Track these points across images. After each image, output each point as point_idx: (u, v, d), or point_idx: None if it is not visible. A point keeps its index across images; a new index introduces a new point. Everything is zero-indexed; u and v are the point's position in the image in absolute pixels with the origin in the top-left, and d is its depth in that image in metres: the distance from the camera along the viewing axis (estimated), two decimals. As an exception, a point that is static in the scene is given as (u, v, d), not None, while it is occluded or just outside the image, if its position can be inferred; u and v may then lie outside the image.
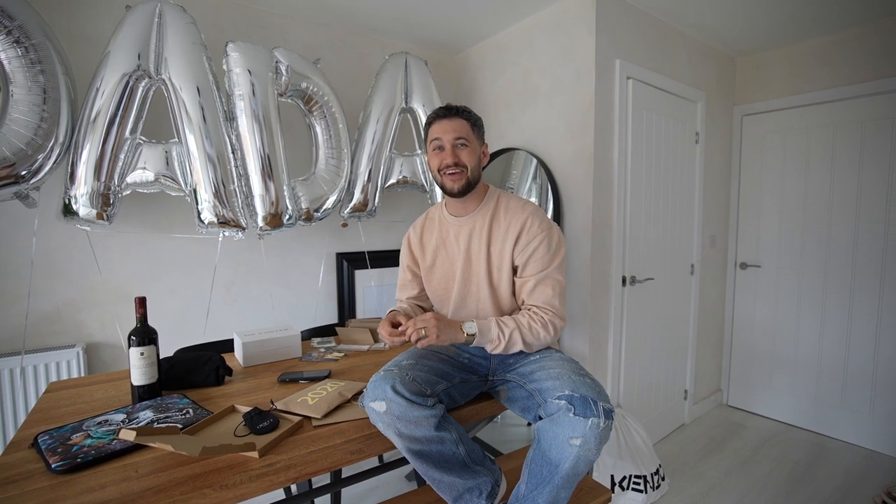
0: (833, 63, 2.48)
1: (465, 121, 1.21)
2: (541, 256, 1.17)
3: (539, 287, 1.17)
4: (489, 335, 1.11)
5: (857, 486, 2.10)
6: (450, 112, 1.21)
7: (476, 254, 1.24)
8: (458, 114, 1.21)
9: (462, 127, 1.20)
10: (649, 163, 2.32)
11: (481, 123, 1.26)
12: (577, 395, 0.94)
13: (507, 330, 1.12)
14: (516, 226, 1.20)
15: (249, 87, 1.77)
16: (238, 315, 2.20)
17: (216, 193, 1.71)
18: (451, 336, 1.09)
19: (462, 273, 1.25)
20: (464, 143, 1.20)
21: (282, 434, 0.98)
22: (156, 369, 1.18)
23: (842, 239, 2.51)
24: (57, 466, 0.84)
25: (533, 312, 1.16)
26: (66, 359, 1.74)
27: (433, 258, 1.32)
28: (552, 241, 1.19)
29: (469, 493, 1.04)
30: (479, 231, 1.24)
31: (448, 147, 1.19)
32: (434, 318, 1.08)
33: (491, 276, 1.23)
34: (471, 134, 1.21)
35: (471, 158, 1.20)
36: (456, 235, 1.28)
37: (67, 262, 1.81)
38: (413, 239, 1.38)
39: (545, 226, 1.20)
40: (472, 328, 1.10)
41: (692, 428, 2.71)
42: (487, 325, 1.12)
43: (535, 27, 2.29)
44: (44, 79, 1.44)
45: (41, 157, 1.48)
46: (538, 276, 1.17)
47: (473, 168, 1.21)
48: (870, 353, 2.43)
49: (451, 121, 1.20)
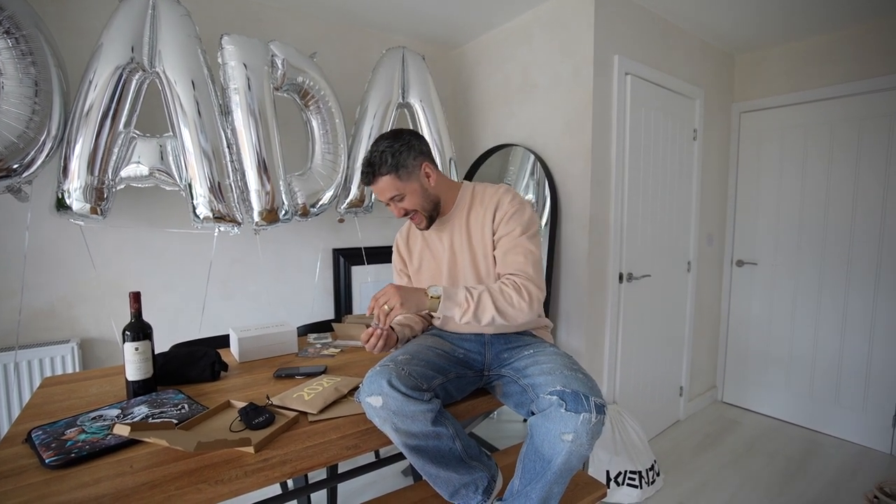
0: (831, 61, 2.48)
1: (385, 176, 1.17)
2: (512, 227, 1.18)
3: (510, 255, 1.17)
4: (456, 298, 1.08)
5: (849, 482, 2.12)
6: (368, 176, 1.19)
7: (459, 249, 1.26)
8: (377, 173, 1.18)
9: (386, 185, 1.18)
10: (647, 159, 2.32)
11: (403, 158, 1.17)
12: (569, 391, 0.94)
13: (475, 292, 1.09)
14: (491, 207, 1.22)
15: (245, 80, 1.75)
16: (234, 310, 2.19)
17: (211, 188, 1.70)
18: (415, 302, 1.08)
19: (448, 270, 1.27)
20: (399, 197, 1.20)
21: (277, 429, 0.98)
22: (151, 364, 1.18)
23: (837, 237, 2.52)
24: (51, 461, 0.83)
25: (505, 278, 1.15)
26: (61, 354, 1.73)
27: (419, 261, 1.35)
28: (524, 215, 1.20)
29: (465, 489, 1.04)
30: (459, 227, 1.26)
31: (390, 204, 1.22)
32: (393, 287, 1.08)
33: (477, 267, 1.24)
34: (399, 184, 1.18)
35: (413, 202, 1.21)
36: (439, 236, 1.30)
37: (61, 257, 1.80)
38: (401, 244, 1.40)
39: (517, 201, 1.22)
40: (436, 291, 1.08)
41: (687, 424, 2.72)
42: (455, 289, 1.10)
43: (533, 22, 2.28)
44: (35, 71, 1.42)
45: (33, 150, 1.46)
46: (509, 244, 1.18)
47: (423, 204, 1.22)
48: (864, 350, 2.45)
49: (374, 185, 1.20)
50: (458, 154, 2.73)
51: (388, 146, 1.17)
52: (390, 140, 1.19)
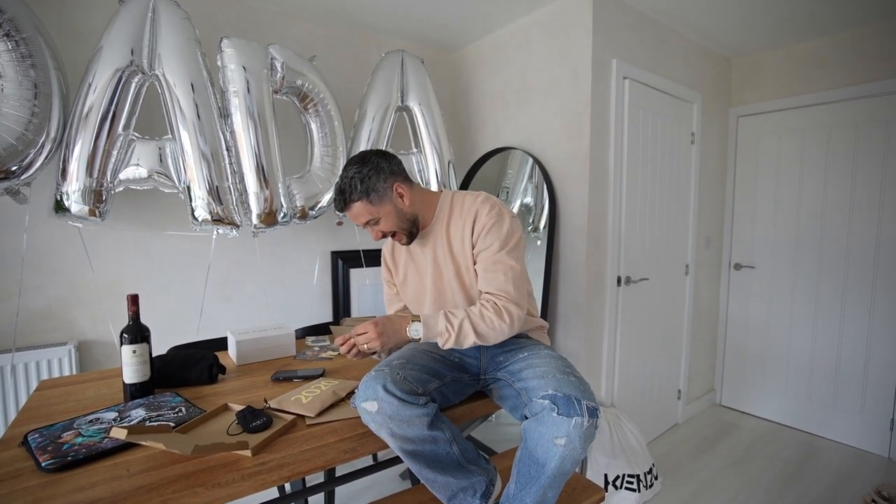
0: (828, 65, 2.50)
1: (357, 202, 1.15)
2: (490, 242, 1.14)
3: (490, 273, 1.14)
4: (436, 329, 1.06)
5: (847, 485, 2.12)
6: (340, 204, 1.18)
7: (443, 261, 1.24)
8: (348, 200, 1.16)
9: (359, 211, 1.17)
10: (645, 163, 2.32)
11: (373, 182, 1.15)
12: (561, 395, 0.94)
13: (455, 321, 1.06)
14: (469, 218, 1.18)
15: (244, 83, 1.76)
16: (232, 313, 2.19)
17: (210, 191, 1.70)
18: (395, 340, 1.07)
19: (433, 282, 1.25)
20: (374, 220, 1.19)
21: (275, 433, 0.98)
22: (148, 367, 1.17)
23: (835, 241, 2.53)
24: (47, 465, 0.83)
25: (485, 300, 1.13)
26: (58, 356, 1.73)
27: (404, 273, 1.34)
28: (503, 226, 1.15)
29: (463, 493, 1.04)
30: (440, 238, 1.24)
31: (367, 228, 1.22)
32: (373, 325, 1.05)
33: (461, 279, 1.22)
34: (371, 208, 1.16)
35: (389, 223, 1.19)
36: (422, 249, 1.29)
37: (59, 259, 1.80)
38: (387, 256, 1.39)
39: (494, 212, 1.16)
40: (416, 331, 1.06)
41: (685, 427, 2.72)
42: (435, 319, 1.08)
43: (531, 26, 2.29)
44: (35, 73, 1.42)
45: (32, 152, 1.46)
46: (488, 261, 1.15)
47: (400, 224, 1.20)
48: (861, 353, 2.45)
49: (348, 211, 1.18)
50: (457, 157, 2.73)
51: (357, 172, 1.15)
52: (358, 165, 1.16)
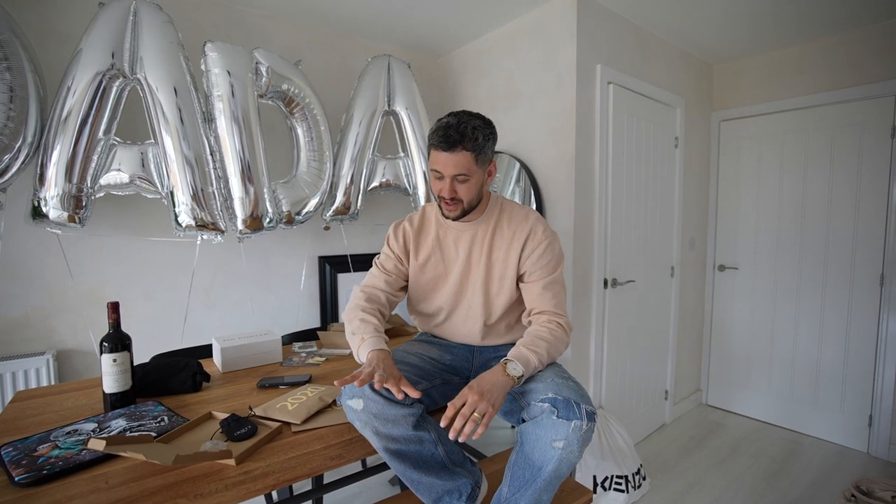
0: (805, 72, 2.57)
1: (468, 153, 1.08)
2: (547, 262, 1.18)
3: (548, 292, 1.17)
4: (530, 365, 1.04)
5: (829, 481, 2.16)
6: (451, 145, 1.07)
7: (476, 262, 1.23)
8: (462, 144, 1.07)
9: (463, 161, 1.09)
10: (630, 166, 2.36)
11: (489, 143, 1.12)
12: (561, 398, 0.95)
13: (540, 355, 1.06)
14: (522, 233, 1.20)
15: (228, 88, 1.74)
16: (217, 320, 2.16)
17: (194, 196, 1.68)
18: (500, 391, 0.96)
19: (459, 280, 1.24)
20: (464, 178, 1.11)
21: (260, 440, 0.97)
22: (129, 376, 1.15)
23: (814, 241, 2.59)
24: (20, 479, 0.81)
25: (547, 320, 1.14)
26: (35, 366, 1.68)
27: (426, 258, 1.27)
28: (555, 248, 1.21)
29: (449, 496, 1.03)
30: (481, 239, 1.23)
31: (447, 180, 1.12)
32: (468, 391, 0.94)
33: (488, 286, 1.22)
34: (473, 166, 1.10)
35: (469, 192, 1.13)
36: (455, 240, 1.25)
37: (37, 267, 1.75)
38: (409, 232, 1.29)
39: (549, 233, 1.21)
40: (516, 369, 1.00)
41: (672, 427, 2.75)
42: (525, 357, 1.03)
43: (516, 32, 2.31)
44: (10, 76, 1.39)
45: (7, 157, 1.42)
46: (546, 281, 1.17)
47: (471, 199, 1.16)
48: (840, 352, 2.51)
49: (452, 155, 1.08)
50: (445, 161, 2.73)
51: (482, 127, 1.10)
52: (483, 123, 1.11)
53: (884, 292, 2.35)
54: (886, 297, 2.34)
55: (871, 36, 2.33)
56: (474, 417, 0.90)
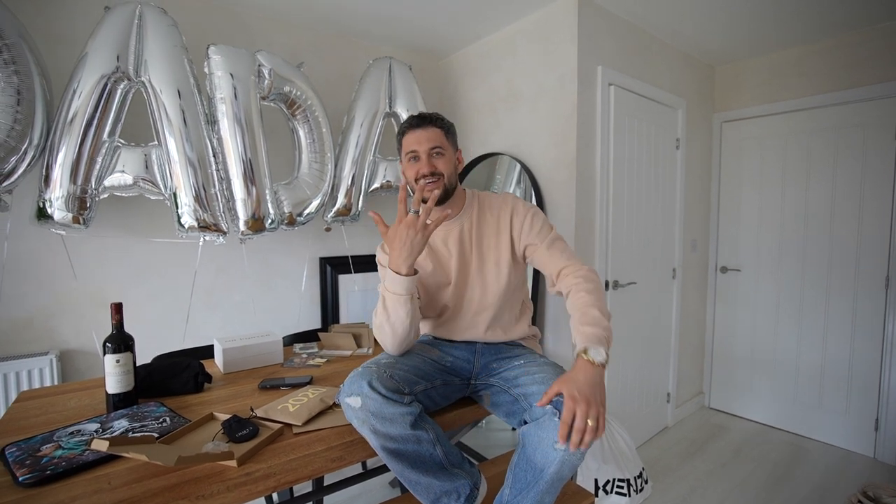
0: (806, 73, 2.56)
1: (438, 129, 1.21)
2: (540, 227, 1.23)
3: (554, 249, 1.20)
4: (604, 340, 1.02)
5: (834, 486, 2.15)
6: (423, 121, 1.21)
7: (469, 255, 1.25)
8: (432, 122, 1.21)
9: (436, 136, 1.20)
10: (631, 168, 2.35)
11: (454, 130, 1.27)
12: (562, 400, 0.95)
13: (596, 314, 1.04)
14: (506, 214, 1.25)
15: (231, 90, 1.75)
16: (219, 321, 2.17)
17: (197, 197, 1.69)
18: (602, 387, 0.96)
19: (458, 277, 1.25)
20: (439, 151, 1.20)
21: (261, 442, 0.97)
22: (132, 377, 1.16)
23: (817, 242, 2.57)
24: (24, 479, 0.81)
25: (573, 277, 1.13)
26: (39, 367, 1.69)
27: (423, 267, 1.28)
28: (541, 215, 1.26)
29: (447, 497, 1.02)
30: (468, 232, 1.25)
31: (423, 157, 1.19)
32: (571, 401, 0.89)
33: (485, 275, 1.24)
34: (445, 142, 1.21)
35: (447, 166, 1.21)
36: (444, 240, 1.26)
37: (41, 267, 1.76)
38: None
39: (529, 205, 1.28)
40: (599, 354, 0.98)
41: (675, 431, 2.74)
42: (596, 337, 1.00)
43: (518, 34, 2.32)
44: (18, 79, 1.40)
45: (14, 159, 1.44)
46: (547, 241, 1.21)
47: (450, 175, 1.22)
48: (845, 355, 2.49)
49: (425, 130, 1.20)
50: (447, 163, 2.74)
51: (442, 117, 1.24)
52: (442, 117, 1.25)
53: (889, 294, 2.33)
54: (892, 299, 2.32)
55: (872, 38, 2.32)
56: (590, 428, 0.88)
